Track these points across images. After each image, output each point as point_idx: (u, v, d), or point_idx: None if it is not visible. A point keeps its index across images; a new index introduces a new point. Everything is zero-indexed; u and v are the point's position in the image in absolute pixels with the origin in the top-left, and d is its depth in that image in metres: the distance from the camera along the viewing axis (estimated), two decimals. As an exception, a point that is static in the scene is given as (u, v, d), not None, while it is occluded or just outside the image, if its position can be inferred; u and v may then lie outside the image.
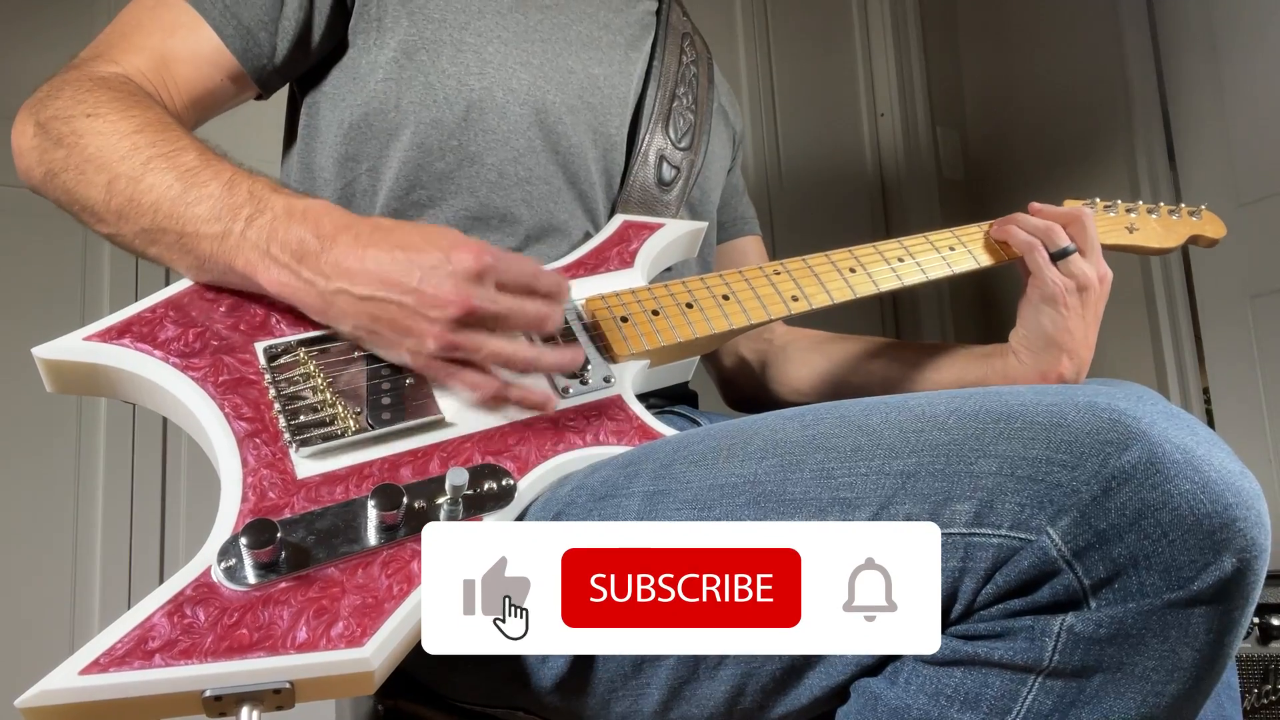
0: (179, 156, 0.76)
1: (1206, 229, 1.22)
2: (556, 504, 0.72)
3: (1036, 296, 0.96)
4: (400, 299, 0.70)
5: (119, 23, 0.89)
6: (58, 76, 0.83)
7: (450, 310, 0.70)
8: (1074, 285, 0.95)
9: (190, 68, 0.88)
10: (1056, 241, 0.96)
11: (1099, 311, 0.97)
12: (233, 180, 0.75)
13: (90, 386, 0.75)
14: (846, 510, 0.59)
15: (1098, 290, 0.96)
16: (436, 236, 0.72)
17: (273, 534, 0.61)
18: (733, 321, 0.89)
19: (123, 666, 0.57)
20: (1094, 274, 0.95)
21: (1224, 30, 2.43)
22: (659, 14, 1.11)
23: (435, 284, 0.70)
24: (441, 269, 0.70)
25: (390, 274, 0.70)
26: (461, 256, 0.70)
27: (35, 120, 0.80)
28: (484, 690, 0.76)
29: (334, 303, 0.73)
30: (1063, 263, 0.95)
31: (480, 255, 0.71)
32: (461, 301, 0.70)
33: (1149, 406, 0.56)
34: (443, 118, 0.91)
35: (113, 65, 0.85)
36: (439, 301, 0.70)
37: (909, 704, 0.58)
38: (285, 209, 0.74)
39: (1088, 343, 0.96)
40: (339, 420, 0.72)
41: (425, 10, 0.92)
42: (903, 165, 2.91)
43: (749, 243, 1.27)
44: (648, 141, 1.03)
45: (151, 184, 0.75)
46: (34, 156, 0.80)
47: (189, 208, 0.74)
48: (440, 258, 0.70)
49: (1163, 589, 0.52)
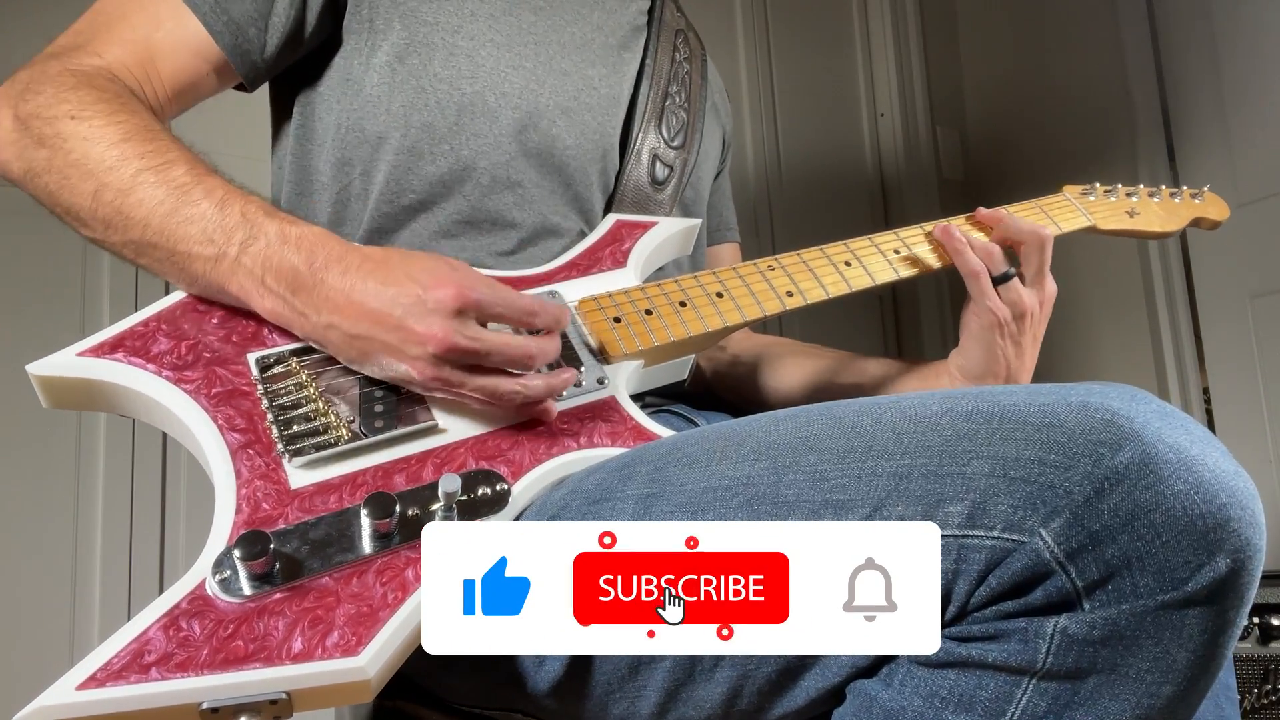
0: (169, 170, 0.76)
1: (1209, 210, 1.20)
2: (551, 507, 0.71)
3: (974, 324, 0.96)
4: (383, 336, 0.71)
5: (100, 9, 0.87)
6: (36, 66, 0.82)
7: (429, 347, 0.70)
8: (1010, 313, 0.94)
9: (176, 62, 0.87)
10: (997, 266, 0.95)
11: (1038, 334, 0.97)
12: (225, 200, 0.75)
13: (85, 402, 0.75)
14: (840, 512, 0.59)
15: (1038, 315, 0.95)
16: (419, 272, 0.72)
17: (266, 545, 0.61)
18: (727, 319, 0.89)
19: (119, 681, 0.57)
20: (1033, 300, 0.95)
21: (1224, 30, 2.43)
22: (651, 11, 1.11)
23: (416, 320, 0.70)
24: (421, 305, 0.71)
25: (376, 311, 0.71)
26: (439, 295, 0.71)
27: (14, 114, 0.79)
28: (482, 692, 0.76)
29: (326, 336, 0.74)
30: (1003, 288, 0.95)
31: (461, 293, 0.71)
32: (440, 339, 0.70)
33: (1142, 406, 0.55)
34: (434, 121, 0.91)
35: (95, 58, 0.83)
36: (419, 338, 0.70)
37: (904, 706, 0.58)
38: (279, 235, 0.74)
39: (1025, 368, 0.96)
40: (332, 429, 0.72)
41: (417, 13, 0.92)
42: (903, 165, 2.91)
43: (728, 250, 1.27)
44: (641, 140, 1.03)
45: (141, 198, 0.75)
46: (12, 151, 0.79)
47: (180, 226, 0.74)
48: (418, 295, 0.71)
49: (1156, 590, 0.52)
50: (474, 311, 0.72)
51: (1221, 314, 2.44)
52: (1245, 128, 2.39)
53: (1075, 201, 1.12)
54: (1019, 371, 0.95)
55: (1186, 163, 2.53)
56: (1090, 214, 1.11)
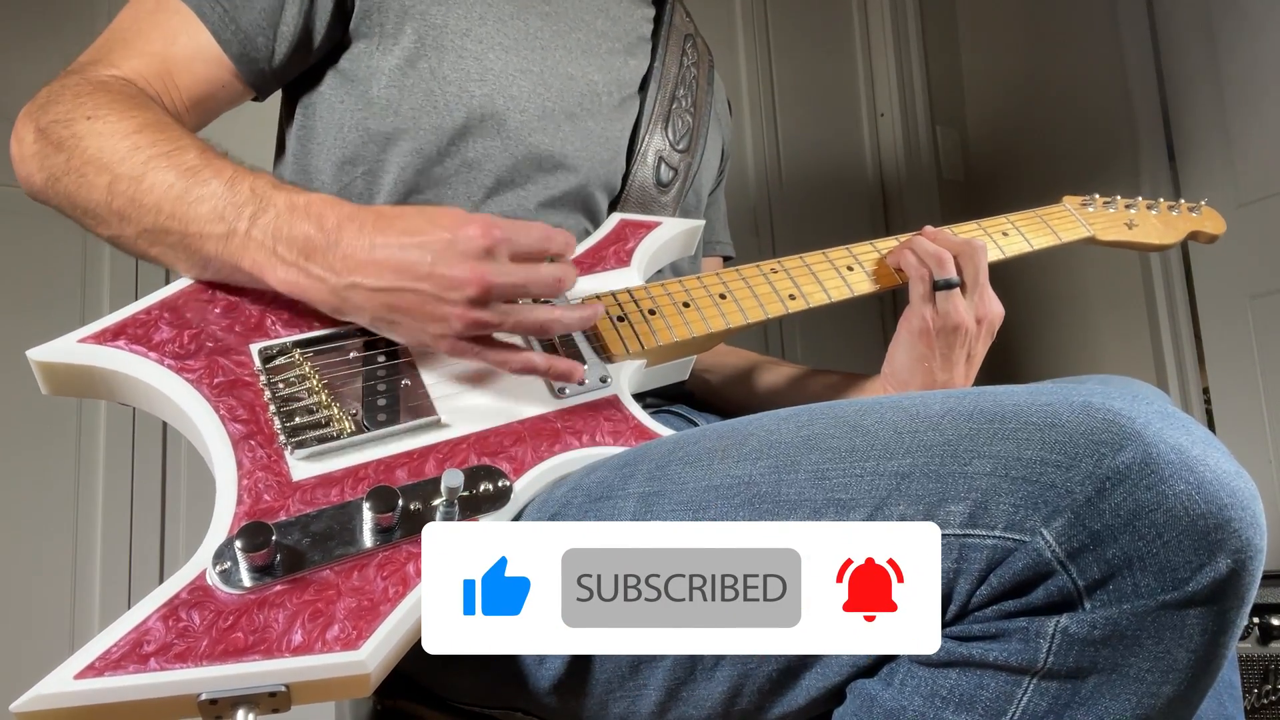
0: (180, 155, 0.76)
1: (1206, 224, 1.22)
2: (553, 505, 0.71)
3: (904, 329, 0.94)
4: (416, 286, 0.70)
5: (117, 27, 0.89)
6: (56, 82, 0.83)
7: (469, 290, 0.70)
8: (942, 323, 0.92)
9: (191, 74, 0.87)
10: (941, 272, 0.93)
11: (974, 354, 0.94)
12: (234, 178, 0.75)
13: (85, 389, 0.75)
14: (841, 511, 0.59)
15: (973, 331, 0.92)
16: (440, 217, 0.72)
17: (267, 537, 0.61)
18: (730, 321, 0.89)
19: (118, 670, 0.57)
20: (969, 315, 0.92)
21: (1224, 30, 2.43)
22: (660, 17, 1.11)
23: (448, 266, 0.69)
24: (452, 249, 0.70)
25: (402, 262, 0.70)
26: (469, 234, 0.70)
27: (35, 126, 0.80)
28: (482, 691, 0.76)
29: (348, 298, 0.72)
30: (941, 296, 0.92)
31: (488, 230, 0.71)
32: (478, 280, 0.69)
33: (1144, 406, 0.55)
34: (443, 124, 0.91)
35: (112, 69, 0.84)
36: (455, 283, 0.70)
37: (904, 705, 0.58)
38: (288, 205, 0.73)
39: (953, 386, 0.93)
40: (334, 422, 0.72)
41: (427, 17, 0.92)
42: (903, 165, 2.91)
43: (713, 263, 1.27)
44: (647, 142, 1.03)
45: (153, 184, 0.75)
46: (34, 163, 0.80)
47: (191, 207, 0.74)
48: (448, 238, 0.70)
49: (1157, 590, 0.52)
50: (503, 246, 0.71)
51: (1221, 314, 2.44)
52: (1245, 128, 2.39)
53: (1075, 212, 1.14)
54: (946, 388, 0.91)
55: (1186, 163, 2.53)
56: (1090, 225, 1.13)
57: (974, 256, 0.93)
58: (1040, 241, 1.08)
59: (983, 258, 0.93)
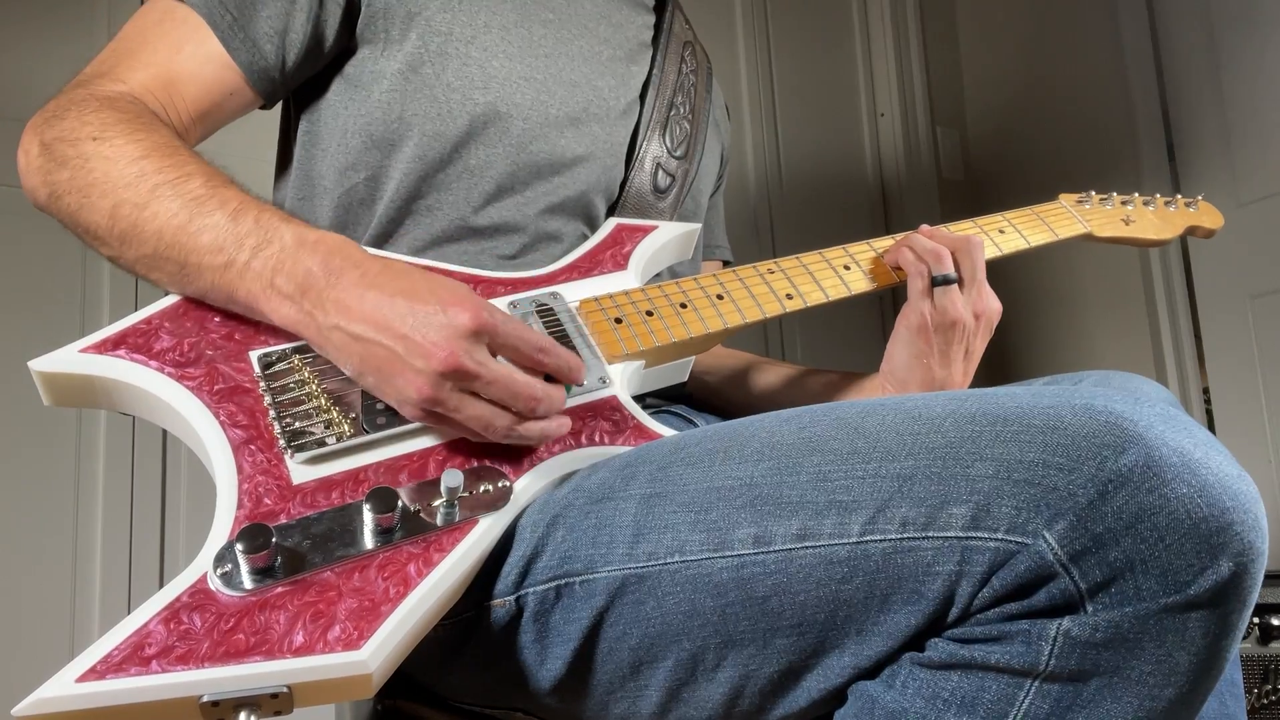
0: (185, 184, 0.75)
1: (1203, 219, 1.22)
2: (554, 506, 0.71)
3: (902, 326, 0.94)
4: (389, 343, 0.68)
5: (124, 38, 0.88)
6: (63, 95, 0.82)
7: (434, 363, 0.67)
8: (940, 318, 0.92)
9: (197, 84, 0.87)
10: (939, 268, 0.93)
11: (973, 350, 0.94)
12: (239, 209, 0.74)
13: (87, 399, 0.75)
14: (843, 513, 0.59)
15: (971, 327, 0.92)
16: (440, 289, 0.70)
17: (268, 539, 0.61)
18: (727, 321, 0.89)
19: (119, 673, 0.57)
20: (967, 310, 0.92)
21: (1224, 30, 2.43)
22: (659, 24, 1.12)
23: (424, 333, 0.68)
24: (435, 319, 0.68)
25: (384, 317, 0.69)
26: (458, 312, 0.69)
27: (40, 140, 0.80)
28: (482, 691, 0.76)
29: (330, 338, 0.71)
30: (939, 291, 0.92)
31: (479, 315, 0.69)
32: (448, 356, 0.67)
33: (1146, 409, 0.56)
34: (445, 130, 0.91)
35: (119, 84, 0.84)
36: (425, 351, 0.68)
37: (906, 707, 0.58)
38: (296, 240, 0.73)
39: (952, 383, 0.93)
40: (334, 425, 0.72)
41: (431, 24, 0.92)
42: (903, 165, 2.91)
43: (712, 267, 1.27)
44: (645, 149, 1.03)
45: (156, 211, 0.74)
46: (39, 177, 0.80)
47: (192, 237, 0.73)
48: (437, 309, 0.69)
49: (1159, 593, 0.52)
50: (488, 336, 0.70)
51: (1221, 314, 2.44)
52: (1245, 128, 2.39)
53: (1071, 209, 1.14)
54: (945, 384, 0.92)
55: (1186, 162, 2.53)
56: (1086, 221, 1.13)
57: (971, 252, 0.93)
58: (1037, 239, 1.08)
59: (980, 253, 0.93)
